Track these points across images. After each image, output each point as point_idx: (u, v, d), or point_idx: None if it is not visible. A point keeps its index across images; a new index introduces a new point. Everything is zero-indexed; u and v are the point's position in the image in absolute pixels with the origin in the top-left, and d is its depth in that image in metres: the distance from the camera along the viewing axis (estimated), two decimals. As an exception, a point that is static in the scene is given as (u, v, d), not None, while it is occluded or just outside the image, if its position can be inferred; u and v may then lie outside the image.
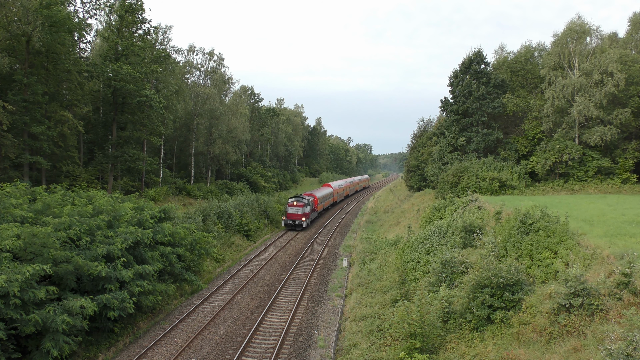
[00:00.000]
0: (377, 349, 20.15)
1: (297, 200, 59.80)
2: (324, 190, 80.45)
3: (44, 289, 18.32)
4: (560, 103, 50.89)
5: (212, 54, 79.70)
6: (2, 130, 34.82)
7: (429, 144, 72.18)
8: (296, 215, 58.88)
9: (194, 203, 59.50)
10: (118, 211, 27.66)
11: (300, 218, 58.59)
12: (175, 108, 59.71)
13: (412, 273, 28.58)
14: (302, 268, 39.10)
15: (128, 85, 44.99)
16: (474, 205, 35.33)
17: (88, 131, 51.23)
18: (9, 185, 26.02)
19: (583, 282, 15.30)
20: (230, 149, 79.31)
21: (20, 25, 37.54)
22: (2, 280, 16.27)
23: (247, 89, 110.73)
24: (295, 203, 59.14)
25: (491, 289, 17.99)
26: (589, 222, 25.56)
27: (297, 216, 58.86)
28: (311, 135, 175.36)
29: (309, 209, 60.73)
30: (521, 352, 15.15)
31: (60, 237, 21.18)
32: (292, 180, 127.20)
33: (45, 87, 39.71)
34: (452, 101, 60.30)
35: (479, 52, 58.52)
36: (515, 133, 58.54)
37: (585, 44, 52.90)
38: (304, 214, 59.04)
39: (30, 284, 17.92)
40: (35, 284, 18.46)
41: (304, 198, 60.57)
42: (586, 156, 50.22)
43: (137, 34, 50.90)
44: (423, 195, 65.56)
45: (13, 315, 16.94)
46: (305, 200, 60.22)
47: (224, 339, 23.79)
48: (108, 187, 46.73)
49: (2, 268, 17.32)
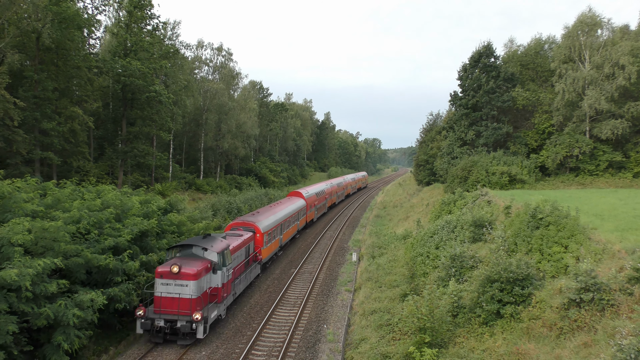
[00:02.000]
0: (386, 343, 20.15)
1: (184, 257, 23.58)
2: (285, 206, 44.58)
3: (55, 283, 18.47)
4: (570, 96, 50.38)
5: (221, 49, 79.86)
6: (14, 126, 35.11)
7: (438, 138, 71.83)
8: (172, 304, 21.83)
9: (203, 198, 59.78)
10: (126, 204, 27.88)
11: (186, 309, 21.61)
12: (184, 103, 59.92)
13: (422, 267, 28.54)
14: (311, 262, 39.15)
15: (137, 80, 45.22)
16: (484, 199, 35.16)
17: (98, 127, 51.56)
18: (20, 180, 26.23)
19: (594, 277, 15.22)
20: (239, 144, 79.52)
21: (30, 21, 37.80)
22: (14, 275, 16.42)
23: (256, 83, 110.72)
24: (176, 268, 21.71)
25: (501, 284, 17.93)
26: (600, 216, 25.36)
27: (174, 305, 21.81)
28: (320, 130, 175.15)
29: (208, 283, 23.40)
30: (531, 347, 15.10)
31: (70, 230, 21.36)
32: (301, 174, 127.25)
33: (55, 83, 39.99)
34: (461, 95, 59.92)
35: (489, 45, 58.07)
36: (525, 127, 58.08)
37: (597, 36, 52.27)
38: (194, 301, 21.71)
39: (41, 278, 18.08)
40: (47, 278, 18.63)
41: (209, 245, 24.57)
42: (597, 150, 49.74)
43: (145, 30, 51.12)
44: (432, 189, 65.33)
45: (25, 309, 17.10)
46: (207, 255, 24.13)
47: (233, 333, 23.90)
48: (118, 182, 47.05)
49: (14, 262, 17.48)
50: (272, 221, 37.41)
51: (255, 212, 39.39)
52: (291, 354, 21.53)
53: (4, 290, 16.81)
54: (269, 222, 36.40)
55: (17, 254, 17.84)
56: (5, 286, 16.69)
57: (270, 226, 36.32)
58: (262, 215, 37.54)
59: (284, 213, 42.03)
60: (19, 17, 37.41)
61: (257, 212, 39.15)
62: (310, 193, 57.82)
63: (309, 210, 54.83)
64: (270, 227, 36.25)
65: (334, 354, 21.26)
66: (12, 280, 16.34)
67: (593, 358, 13.02)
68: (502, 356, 15.49)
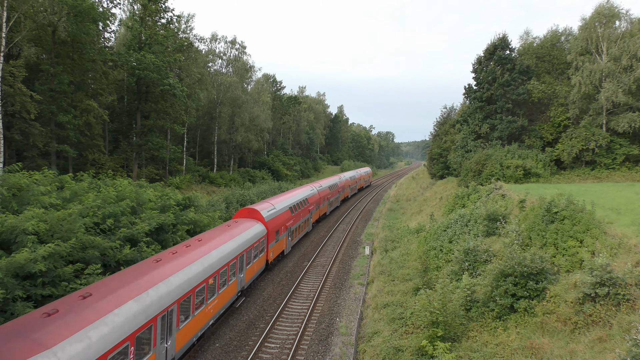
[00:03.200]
0: (399, 337, 20.17)
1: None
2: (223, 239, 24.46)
3: (71, 266, 18.93)
4: (587, 89, 49.73)
5: (234, 42, 79.93)
6: (30, 119, 35.55)
7: (452, 132, 71.40)
8: None
9: (216, 191, 60.06)
10: (141, 197, 28.18)
11: None
12: (198, 96, 60.14)
13: (435, 261, 28.47)
14: (324, 256, 39.23)
15: (151, 74, 45.48)
16: (498, 193, 34.93)
17: (113, 120, 51.99)
18: (37, 173, 26.60)
19: (609, 272, 15.08)
20: (252, 137, 79.70)
21: (46, 15, 38.15)
22: (23, 259, 16.76)
23: (269, 77, 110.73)
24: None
25: (515, 278, 17.84)
26: (616, 210, 25.07)
27: None
28: (333, 123, 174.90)
29: None
30: (545, 342, 15.02)
31: (86, 222, 21.66)
32: (314, 168, 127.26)
33: (71, 76, 40.39)
34: (475, 88, 59.45)
35: (504, 37, 57.50)
36: (541, 120, 57.48)
37: (614, 28, 51.47)
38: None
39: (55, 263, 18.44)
40: (62, 262, 19.04)
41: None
42: (614, 143, 49.11)
43: (160, 23, 51.35)
44: (446, 183, 65.02)
45: (42, 293, 17.50)
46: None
47: (246, 325, 24.07)
48: (133, 175, 47.45)
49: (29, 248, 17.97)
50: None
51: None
52: (304, 347, 21.66)
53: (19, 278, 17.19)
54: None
55: (30, 242, 18.19)
56: (20, 273, 17.04)
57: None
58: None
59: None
60: (35, 11, 37.81)
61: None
62: (276, 210, 34.95)
63: (270, 243, 32.24)
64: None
65: (346, 347, 21.34)
66: (25, 261, 16.69)
67: (608, 353, 12.93)
68: (515, 350, 15.43)
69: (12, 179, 23.36)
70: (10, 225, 18.75)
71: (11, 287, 16.37)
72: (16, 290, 16.42)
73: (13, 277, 16.76)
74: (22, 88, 34.08)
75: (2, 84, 33.05)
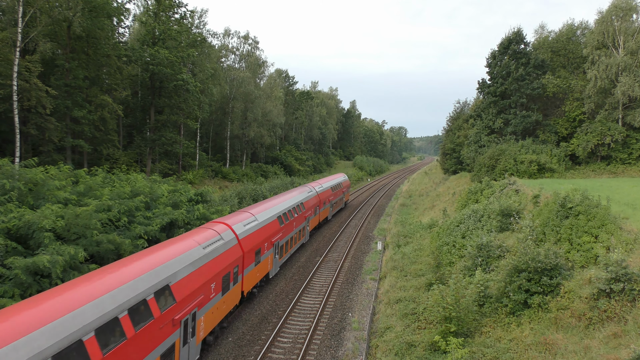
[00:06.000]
0: (412, 332, 20.16)
1: None
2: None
3: (87, 267, 19.02)
4: (603, 83, 49.14)
5: (247, 38, 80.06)
6: (46, 114, 35.93)
7: (465, 127, 70.95)
8: None
9: (229, 186, 60.30)
10: (155, 193, 28.39)
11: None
12: (210, 92, 60.33)
13: (447, 257, 28.39)
14: (336, 251, 39.27)
15: (165, 69, 45.72)
16: (511, 188, 34.70)
17: (127, 115, 52.38)
18: (53, 168, 26.88)
19: (625, 267, 14.96)
20: (265, 132, 79.83)
21: (61, 10, 38.45)
22: (46, 261, 16.94)
23: (282, 72, 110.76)
24: None
25: (528, 274, 17.73)
26: (632, 205, 24.82)
27: None
28: (345, 119, 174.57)
29: None
30: (559, 337, 14.94)
31: (102, 218, 21.86)
32: (326, 163, 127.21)
33: (85, 71, 40.70)
34: (489, 82, 59.04)
35: (519, 31, 56.95)
36: (556, 115, 56.94)
37: (631, 21, 50.78)
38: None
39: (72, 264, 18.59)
40: (78, 264, 19.15)
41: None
42: (630, 138, 48.53)
43: (173, 18, 51.53)
44: (459, 178, 64.69)
45: None
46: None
47: (259, 320, 24.19)
48: (146, 170, 47.80)
49: (48, 249, 18.06)
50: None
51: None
52: (316, 341, 21.72)
53: (37, 277, 17.37)
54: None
55: (47, 239, 18.34)
56: (38, 272, 17.22)
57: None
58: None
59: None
60: (51, 6, 38.11)
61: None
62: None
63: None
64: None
65: (359, 342, 21.37)
66: (44, 267, 16.85)
67: (623, 349, 12.83)
68: (529, 346, 15.37)
69: (29, 174, 23.62)
70: (27, 221, 18.98)
71: (27, 285, 16.58)
72: (31, 289, 16.65)
73: (30, 275, 16.97)
74: (37, 83, 34.42)
75: (19, 78, 33.41)
